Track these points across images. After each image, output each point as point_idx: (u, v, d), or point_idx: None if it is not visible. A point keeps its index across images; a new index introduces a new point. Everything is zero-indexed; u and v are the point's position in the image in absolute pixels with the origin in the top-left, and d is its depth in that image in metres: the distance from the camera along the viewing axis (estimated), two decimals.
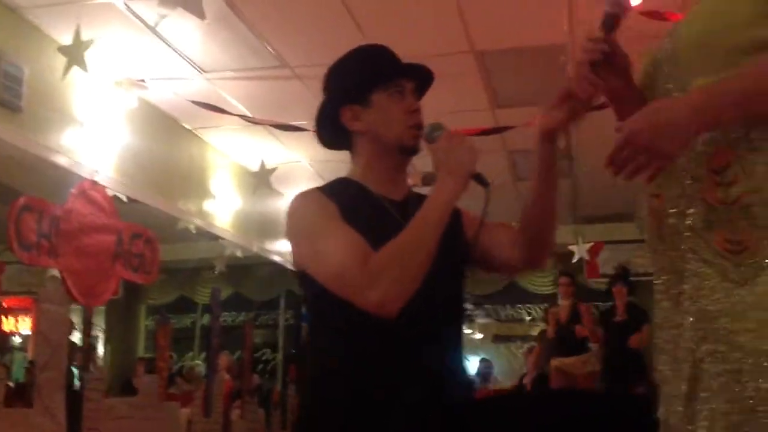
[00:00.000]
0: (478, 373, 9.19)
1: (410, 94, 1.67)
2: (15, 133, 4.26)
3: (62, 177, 4.74)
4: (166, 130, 5.78)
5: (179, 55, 4.73)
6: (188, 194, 6.08)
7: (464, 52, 4.68)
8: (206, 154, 6.39)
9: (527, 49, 4.65)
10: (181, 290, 9.77)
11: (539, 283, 10.17)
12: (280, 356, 9.49)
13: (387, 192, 1.67)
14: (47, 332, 4.50)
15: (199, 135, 6.18)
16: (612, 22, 1.47)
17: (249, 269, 8.53)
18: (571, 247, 8.16)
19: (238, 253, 7.27)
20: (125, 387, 7.86)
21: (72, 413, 4.63)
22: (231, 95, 5.37)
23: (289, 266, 7.54)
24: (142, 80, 5.01)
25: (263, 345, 9.74)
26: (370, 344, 1.51)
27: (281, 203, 7.84)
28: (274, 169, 5.76)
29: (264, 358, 9.69)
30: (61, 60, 4.20)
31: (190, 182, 6.13)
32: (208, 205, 6.35)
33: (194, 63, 4.88)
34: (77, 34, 4.11)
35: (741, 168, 1.25)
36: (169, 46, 4.61)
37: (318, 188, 1.66)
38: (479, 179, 1.58)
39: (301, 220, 1.60)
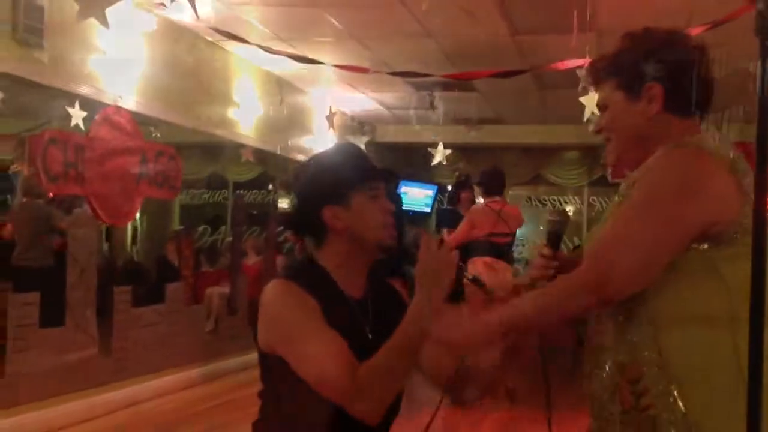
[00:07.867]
0: None
1: (384, 196, 1.77)
2: (37, 68, 4.39)
3: (88, 106, 4.93)
4: (189, 46, 5.85)
5: None
6: (211, 105, 6.21)
7: None
8: (229, 64, 6.47)
9: None
10: (214, 167, 10.08)
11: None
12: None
13: (351, 289, 1.75)
14: (76, 254, 4.86)
15: (223, 46, 6.23)
16: (557, 238, 1.69)
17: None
18: None
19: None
20: (159, 261, 8.35)
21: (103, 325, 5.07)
22: (251, 17, 5.39)
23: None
24: (162, 3, 5.04)
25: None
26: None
27: (305, 101, 7.97)
28: None
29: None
30: None
31: (214, 94, 6.24)
32: (232, 114, 6.49)
33: None
34: None
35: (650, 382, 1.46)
36: None
37: (295, 281, 1.69)
38: (476, 281, 1.73)
39: (282, 314, 1.65)
